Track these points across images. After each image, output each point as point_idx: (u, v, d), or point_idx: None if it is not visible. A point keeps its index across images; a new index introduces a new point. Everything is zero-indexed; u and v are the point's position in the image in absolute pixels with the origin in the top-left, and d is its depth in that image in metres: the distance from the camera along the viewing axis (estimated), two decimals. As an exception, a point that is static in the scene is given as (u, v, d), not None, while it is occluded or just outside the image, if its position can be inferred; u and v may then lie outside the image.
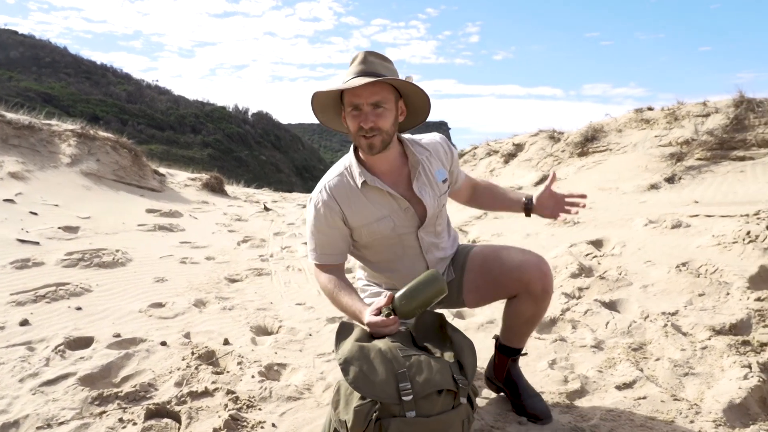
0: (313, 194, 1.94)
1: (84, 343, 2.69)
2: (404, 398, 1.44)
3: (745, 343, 2.53)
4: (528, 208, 2.12)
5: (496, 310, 3.00)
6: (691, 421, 1.98)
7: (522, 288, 1.89)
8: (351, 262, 3.80)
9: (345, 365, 1.49)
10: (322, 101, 1.86)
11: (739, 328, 2.70)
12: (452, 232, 2.19)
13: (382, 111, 1.76)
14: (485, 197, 2.27)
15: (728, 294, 3.05)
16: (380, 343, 1.57)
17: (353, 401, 1.48)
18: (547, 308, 1.98)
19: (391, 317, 1.65)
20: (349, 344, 1.57)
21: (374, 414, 1.44)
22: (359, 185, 1.88)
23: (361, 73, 1.76)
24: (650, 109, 7.68)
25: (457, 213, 5.94)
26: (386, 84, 1.78)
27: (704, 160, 6.09)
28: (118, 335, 2.76)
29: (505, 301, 2.03)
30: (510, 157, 9.14)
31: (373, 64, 1.79)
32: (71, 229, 5.24)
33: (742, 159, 5.92)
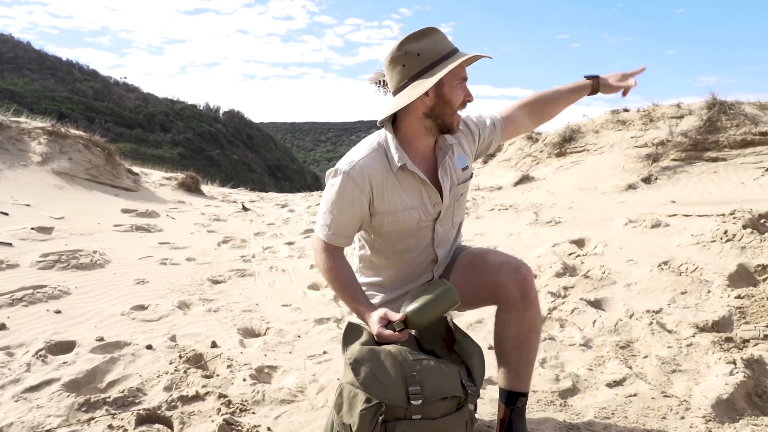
0: (341, 167, 1.73)
1: (66, 347, 2.62)
2: (413, 402, 1.43)
3: (728, 339, 2.59)
4: (594, 87, 2.04)
5: (484, 310, 3.01)
6: (682, 418, 2.01)
7: (500, 293, 1.72)
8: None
9: (355, 365, 1.47)
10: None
11: (721, 325, 2.77)
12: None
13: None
14: (544, 106, 2.07)
15: (709, 292, 3.12)
16: (389, 346, 1.56)
17: (358, 404, 1.46)
18: (534, 326, 1.74)
19: (403, 331, 1.58)
20: (358, 345, 1.55)
21: (380, 417, 1.43)
22: (395, 168, 1.73)
23: (453, 49, 1.71)
24: (626, 110, 7.83)
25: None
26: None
27: (679, 161, 6.23)
28: (102, 339, 2.69)
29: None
30: (489, 157, 9.22)
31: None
32: (45, 230, 5.09)
33: (715, 160, 6.08)
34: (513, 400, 1.77)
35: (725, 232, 3.79)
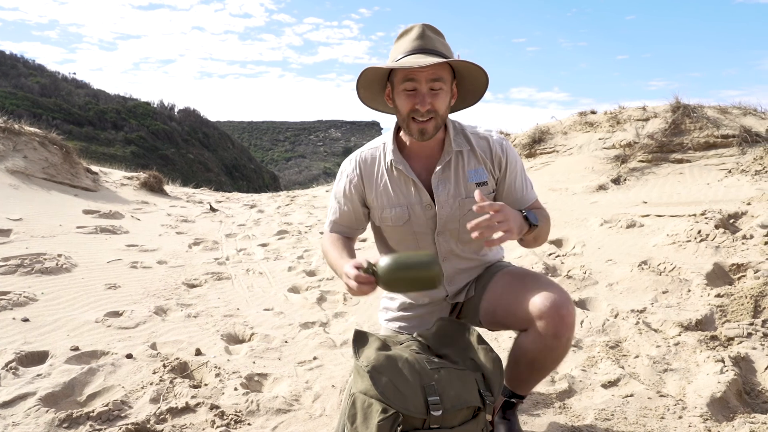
0: (344, 163, 1.85)
1: (38, 358, 2.46)
2: (433, 412, 1.38)
3: (714, 338, 2.64)
4: None
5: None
6: (680, 417, 2.03)
7: (533, 326, 1.60)
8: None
9: (374, 373, 1.41)
10: (369, 76, 1.68)
11: (704, 323, 2.82)
12: (493, 247, 1.91)
13: (439, 92, 1.61)
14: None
15: (689, 291, 3.18)
16: (405, 353, 1.51)
17: (374, 415, 1.40)
18: (557, 359, 1.65)
19: (366, 276, 1.47)
20: (374, 352, 1.49)
21: (398, 428, 1.37)
22: (387, 164, 1.76)
23: (419, 50, 1.60)
24: (593, 112, 8.00)
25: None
26: (444, 63, 1.60)
27: (646, 162, 6.39)
28: (77, 348, 2.54)
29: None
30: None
31: (432, 40, 1.63)
32: (2, 233, 4.82)
33: (681, 162, 6.26)
34: (510, 396, 1.80)
35: (699, 231, 3.89)
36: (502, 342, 2.75)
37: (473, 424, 1.47)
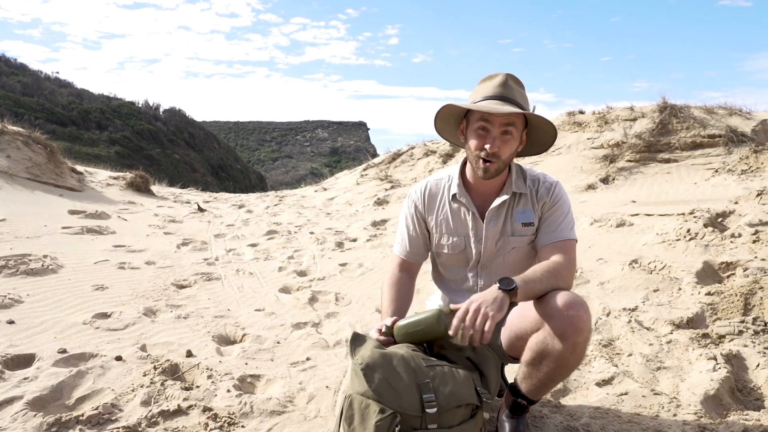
0: (411, 190, 1.99)
1: (25, 361, 2.41)
2: (428, 410, 1.37)
3: (705, 336, 2.66)
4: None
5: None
6: (674, 415, 2.03)
7: (542, 323, 1.57)
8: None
9: (368, 371, 1.40)
10: (448, 111, 1.82)
11: (695, 321, 2.84)
12: None
13: (509, 138, 1.72)
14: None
15: (680, 289, 3.21)
16: (401, 350, 1.49)
17: (371, 416, 1.39)
18: (567, 364, 1.59)
19: (386, 338, 1.63)
20: (369, 350, 1.47)
21: (396, 428, 1.36)
22: (450, 196, 1.89)
23: (500, 97, 1.71)
24: (581, 112, 8.04)
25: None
26: (519, 113, 1.72)
27: (634, 162, 6.44)
28: (64, 351, 2.49)
29: None
30: (448, 157, 9.27)
31: (512, 89, 1.74)
32: (-14, 233, 4.73)
33: (668, 161, 6.32)
34: (517, 395, 1.73)
35: (688, 230, 3.92)
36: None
37: (471, 424, 1.46)
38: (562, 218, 1.82)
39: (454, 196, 1.88)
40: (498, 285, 1.53)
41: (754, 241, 3.66)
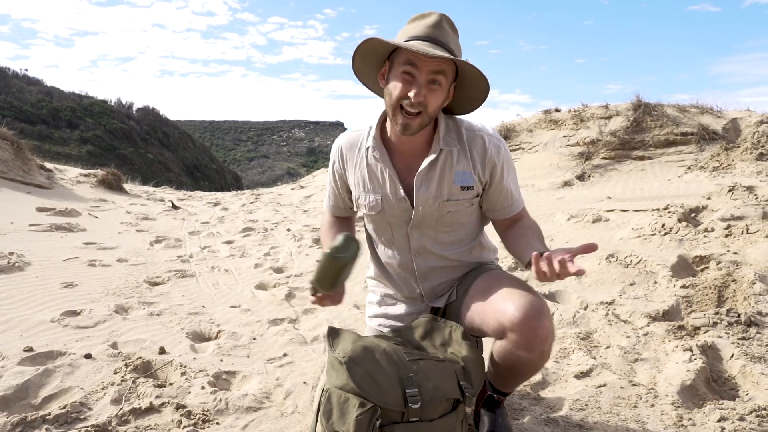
0: (335, 140, 1.86)
1: (-12, 360, 2.31)
2: (411, 405, 1.34)
3: (681, 327, 2.68)
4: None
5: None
6: (652, 405, 2.04)
7: (504, 334, 1.51)
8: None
9: (351, 364, 1.36)
10: (370, 47, 1.55)
11: (671, 314, 2.87)
12: (478, 248, 1.81)
13: (436, 88, 1.50)
14: (512, 237, 1.70)
15: (656, 283, 3.24)
16: (383, 344, 1.46)
17: (351, 409, 1.35)
18: (534, 368, 1.55)
19: (316, 295, 1.58)
20: (350, 344, 1.44)
21: (377, 422, 1.33)
22: (366, 149, 1.71)
23: (431, 39, 1.49)
24: (557, 110, 8.12)
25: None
26: (451, 60, 1.50)
27: (609, 159, 6.52)
28: (31, 349, 2.40)
29: None
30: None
31: (446, 33, 1.51)
32: (-51, 230, 4.56)
33: (642, 158, 6.41)
34: (493, 389, 1.74)
35: (663, 225, 3.97)
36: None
37: (453, 417, 1.43)
38: (516, 185, 1.72)
39: (368, 149, 1.69)
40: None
41: (726, 235, 3.72)
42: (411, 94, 1.47)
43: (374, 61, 1.62)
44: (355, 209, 1.89)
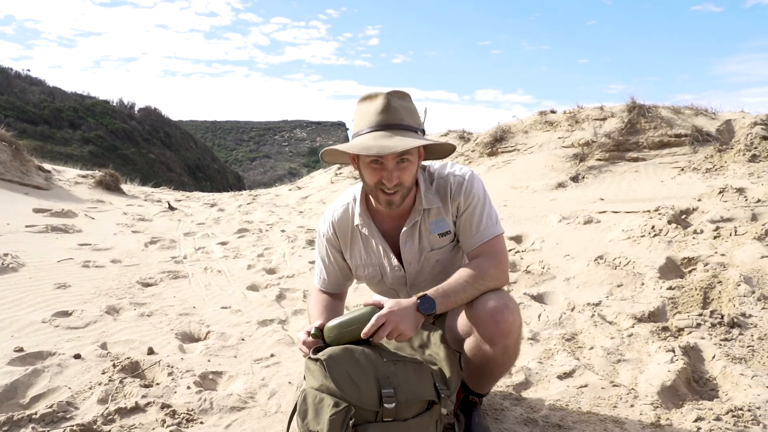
0: (320, 221, 1.89)
1: (-22, 360, 2.34)
2: (386, 405, 1.37)
3: (665, 329, 2.71)
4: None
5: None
6: (632, 405, 2.07)
7: (471, 329, 1.60)
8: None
9: (331, 363, 1.39)
10: (332, 153, 1.66)
11: (656, 315, 2.89)
12: None
13: (406, 165, 1.56)
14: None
15: (643, 284, 3.26)
16: (361, 345, 1.49)
17: (325, 409, 1.38)
18: (501, 365, 1.63)
19: (314, 341, 1.54)
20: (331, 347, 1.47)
21: (350, 421, 1.36)
22: (356, 226, 1.78)
23: (384, 125, 1.53)
24: (553, 112, 8.15)
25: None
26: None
27: (604, 161, 6.54)
28: (21, 349, 2.43)
29: None
30: (422, 156, 9.30)
31: (396, 112, 1.54)
32: (-56, 231, 4.59)
33: (636, 160, 6.43)
34: (469, 394, 1.80)
35: (653, 227, 3.99)
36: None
37: (427, 417, 1.46)
38: (480, 216, 1.68)
39: (357, 227, 1.77)
40: (418, 304, 1.49)
41: (714, 237, 3.74)
42: (385, 182, 1.56)
43: (342, 157, 1.71)
44: (355, 279, 1.94)
